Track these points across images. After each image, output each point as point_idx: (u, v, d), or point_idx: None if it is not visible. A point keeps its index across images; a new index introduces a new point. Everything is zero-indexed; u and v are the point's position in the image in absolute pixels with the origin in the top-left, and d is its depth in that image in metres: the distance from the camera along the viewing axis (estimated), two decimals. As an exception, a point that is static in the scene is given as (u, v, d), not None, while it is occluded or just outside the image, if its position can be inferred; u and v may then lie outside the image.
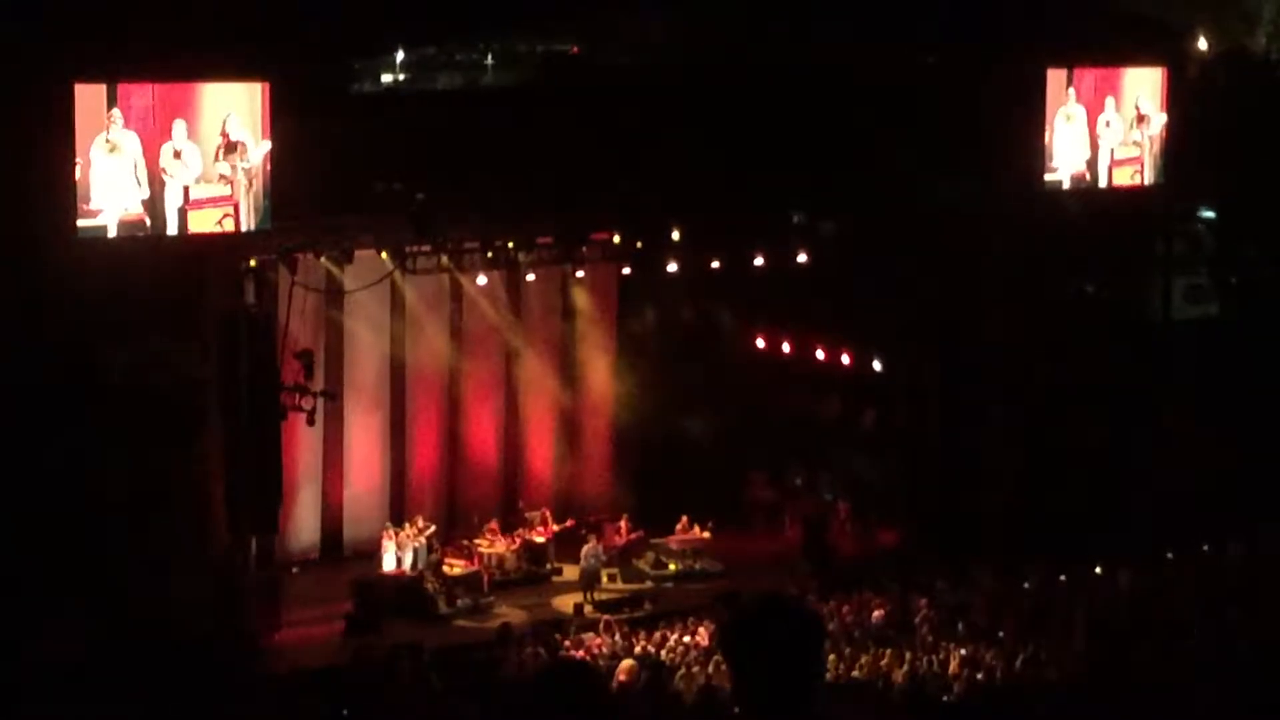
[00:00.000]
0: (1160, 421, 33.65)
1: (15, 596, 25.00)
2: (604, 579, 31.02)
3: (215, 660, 25.53)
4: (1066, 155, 32.24)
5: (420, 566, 30.51)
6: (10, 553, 25.02)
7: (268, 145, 26.18)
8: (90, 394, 25.41)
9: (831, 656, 23.86)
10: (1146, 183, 33.26)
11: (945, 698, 23.06)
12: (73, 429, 25.32)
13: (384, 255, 29.32)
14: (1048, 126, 31.90)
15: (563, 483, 34.06)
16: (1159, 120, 33.15)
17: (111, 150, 24.92)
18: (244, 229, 26.33)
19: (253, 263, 27.26)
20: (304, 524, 31.74)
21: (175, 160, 25.53)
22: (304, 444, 30.66)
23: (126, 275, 24.95)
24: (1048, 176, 32.09)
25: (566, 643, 27.34)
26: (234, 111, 26.02)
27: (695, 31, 33.39)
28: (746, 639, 7.97)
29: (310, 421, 28.15)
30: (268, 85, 26.23)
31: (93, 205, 24.86)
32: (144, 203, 25.30)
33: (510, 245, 30.21)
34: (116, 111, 24.90)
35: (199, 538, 26.54)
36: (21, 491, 25.04)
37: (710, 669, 24.31)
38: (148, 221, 25.39)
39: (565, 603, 30.40)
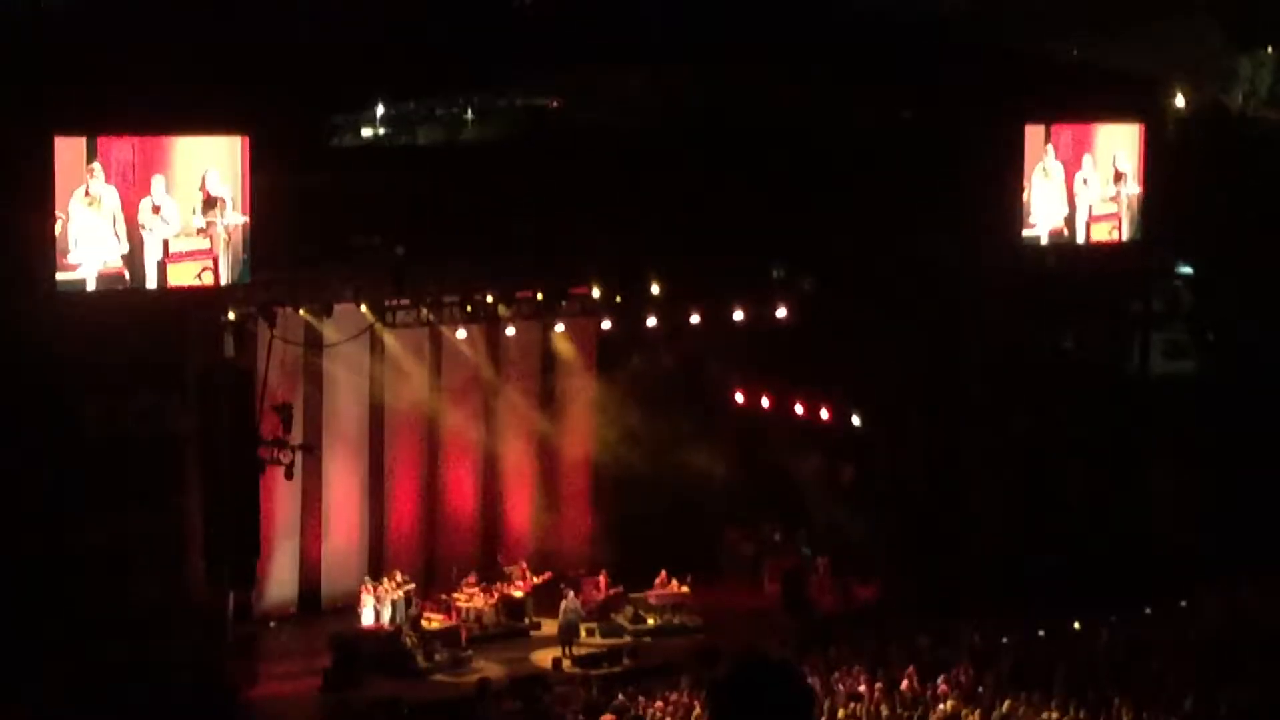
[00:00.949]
0: (1141, 476, 33.70)
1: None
2: (583, 633, 30.95)
3: (193, 716, 25.39)
4: (1044, 211, 32.37)
5: (399, 621, 30.41)
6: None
7: (247, 199, 26.21)
8: (68, 447, 25.36)
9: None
10: (1124, 239, 33.38)
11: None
12: (49, 482, 25.26)
13: (363, 308, 29.34)
14: (1026, 182, 32.03)
15: (541, 536, 33.98)
16: (1136, 176, 33.28)
17: (91, 204, 24.95)
18: (223, 282, 26.34)
19: (232, 316, 27.24)
20: (282, 578, 31.64)
21: (154, 214, 25.55)
22: (282, 497, 30.59)
23: (105, 328, 24.91)
24: (1026, 232, 32.19)
25: (545, 698, 27.28)
26: (213, 165, 26.06)
27: (675, 87, 33.54)
28: (737, 699, 7.86)
29: (289, 475, 28.11)
30: (247, 139, 26.28)
31: (72, 258, 24.86)
32: (123, 256, 25.31)
33: (490, 299, 30.24)
34: (96, 165, 24.95)
35: (177, 592, 26.42)
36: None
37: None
38: (127, 275, 25.41)
39: (544, 657, 30.33)
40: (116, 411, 25.52)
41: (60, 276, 24.81)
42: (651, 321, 31.44)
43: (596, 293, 30.82)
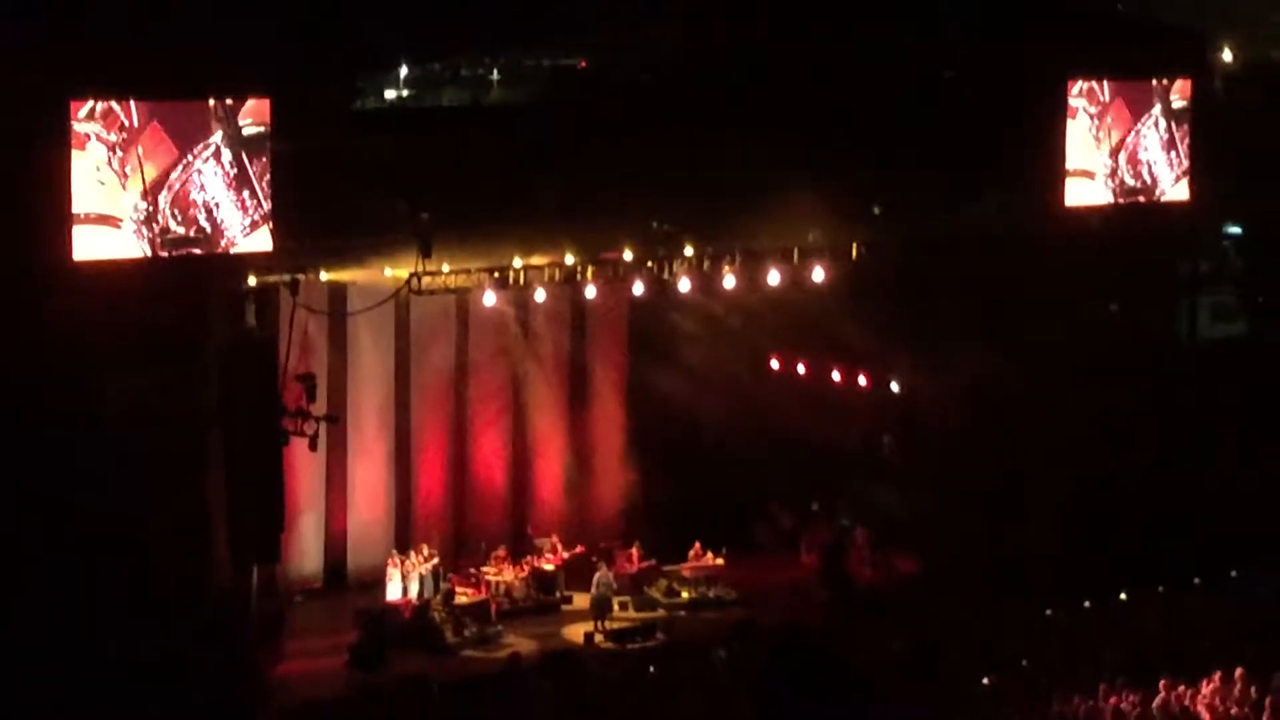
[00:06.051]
0: (1190, 444, 33.37)
1: (13, 632, 24.78)
2: (615, 607, 30.81)
3: (216, 694, 25.32)
4: (1088, 167, 32.07)
5: (426, 595, 30.33)
6: (7, 587, 24.80)
7: (268, 159, 26.07)
8: (87, 425, 25.18)
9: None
10: (1170, 198, 33.06)
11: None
12: (69, 461, 25.07)
13: (388, 274, 29.13)
14: (1069, 141, 31.72)
15: (573, 509, 33.81)
16: (1183, 134, 32.95)
17: (107, 168, 24.76)
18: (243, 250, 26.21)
19: (253, 283, 27.10)
20: (307, 552, 31.53)
21: (169, 179, 25.37)
22: (307, 470, 30.44)
23: (122, 301, 24.70)
24: (1069, 192, 31.90)
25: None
26: (232, 129, 25.87)
27: (707, 46, 33.25)
28: (765, 672, 7.92)
29: (313, 447, 27.82)
30: (270, 101, 26.09)
31: (86, 223, 24.69)
32: (139, 220, 25.13)
33: (518, 265, 30.00)
34: (110, 130, 24.76)
35: (200, 567, 26.30)
36: (16, 525, 24.82)
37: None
38: (144, 238, 25.24)
39: (576, 632, 30.19)
40: (136, 386, 25.34)
41: (76, 247, 24.68)
42: (685, 286, 31.14)
43: (628, 256, 30.59)
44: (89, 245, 24.74)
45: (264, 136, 26.05)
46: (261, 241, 26.23)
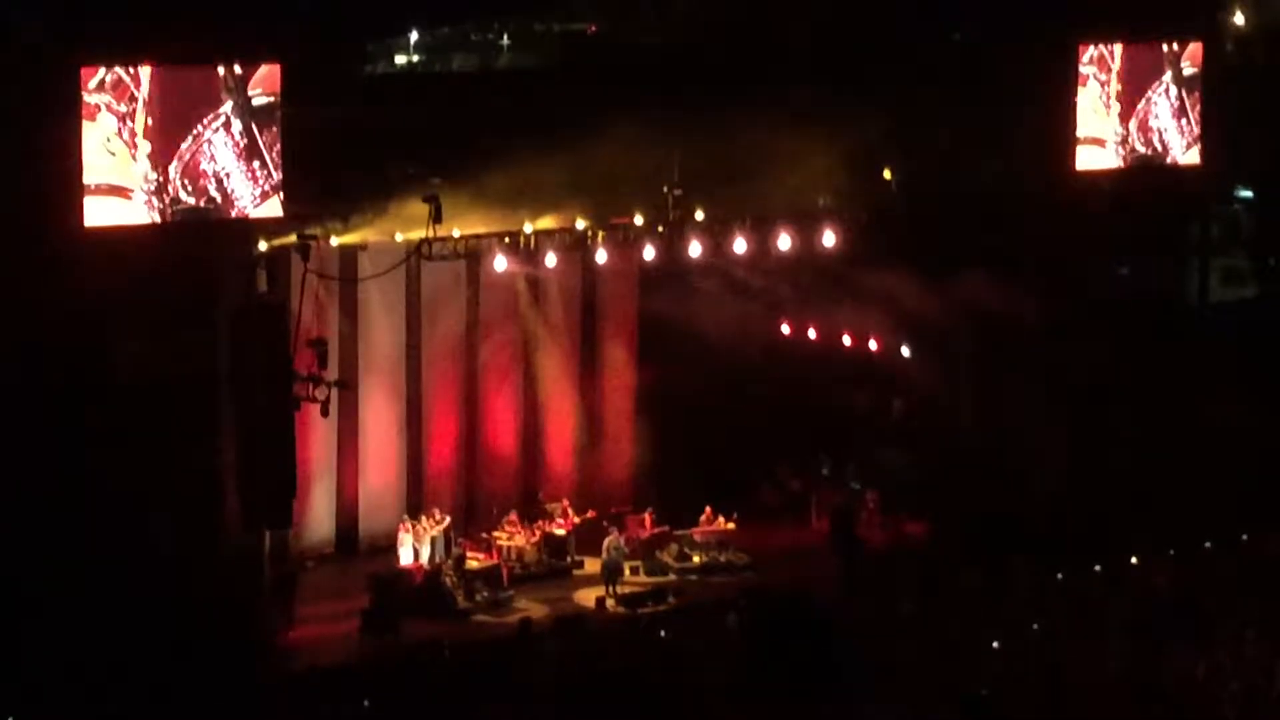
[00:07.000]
0: (1199, 408, 33.35)
1: (23, 594, 24.88)
2: (626, 572, 30.83)
3: (228, 660, 25.39)
4: (1099, 134, 31.99)
5: (438, 560, 30.37)
6: (18, 550, 24.88)
7: (278, 129, 26.07)
8: (99, 388, 25.26)
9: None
10: (1182, 162, 32.98)
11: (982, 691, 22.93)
12: (81, 424, 25.16)
13: (399, 239, 29.13)
14: (1079, 105, 31.64)
15: (583, 473, 33.82)
16: (1194, 97, 32.86)
17: (117, 139, 24.76)
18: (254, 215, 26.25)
19: (264, 248, 27.12)
20: (319, 517, 31.53)
21: (179, 150, 25.37)
22: (318, 435, 30.41)
23: (134, 265, 24.75)
24: (1079, 156, 31.84)
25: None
26: (241, 100, 25.87)
27: (716, 10, 33.18)
28: (766, 638, 7.97)
29: (324, 412, 27.88)
30: (281, 67, 26.09)
31: (98, 193, 24.72)
32: (150, 190, 25.16)
33: (528, 230, 30.00)
34: (121, 100, 24.76)
35: (211, 533, 26.38)
36: (30, 487, 24.88)
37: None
38: (155, 208, 25.27)
39: (587, 596, 30.21)
40: (147, 351, 25.39)
41: (88, 212, 24.70)
42: (695, 251, 31.10)
43: (639, 221, 30.59)
44: (100, 215, 24.77)
45: (274, 106, 26.09)
46: (272, 211, 26.28)
